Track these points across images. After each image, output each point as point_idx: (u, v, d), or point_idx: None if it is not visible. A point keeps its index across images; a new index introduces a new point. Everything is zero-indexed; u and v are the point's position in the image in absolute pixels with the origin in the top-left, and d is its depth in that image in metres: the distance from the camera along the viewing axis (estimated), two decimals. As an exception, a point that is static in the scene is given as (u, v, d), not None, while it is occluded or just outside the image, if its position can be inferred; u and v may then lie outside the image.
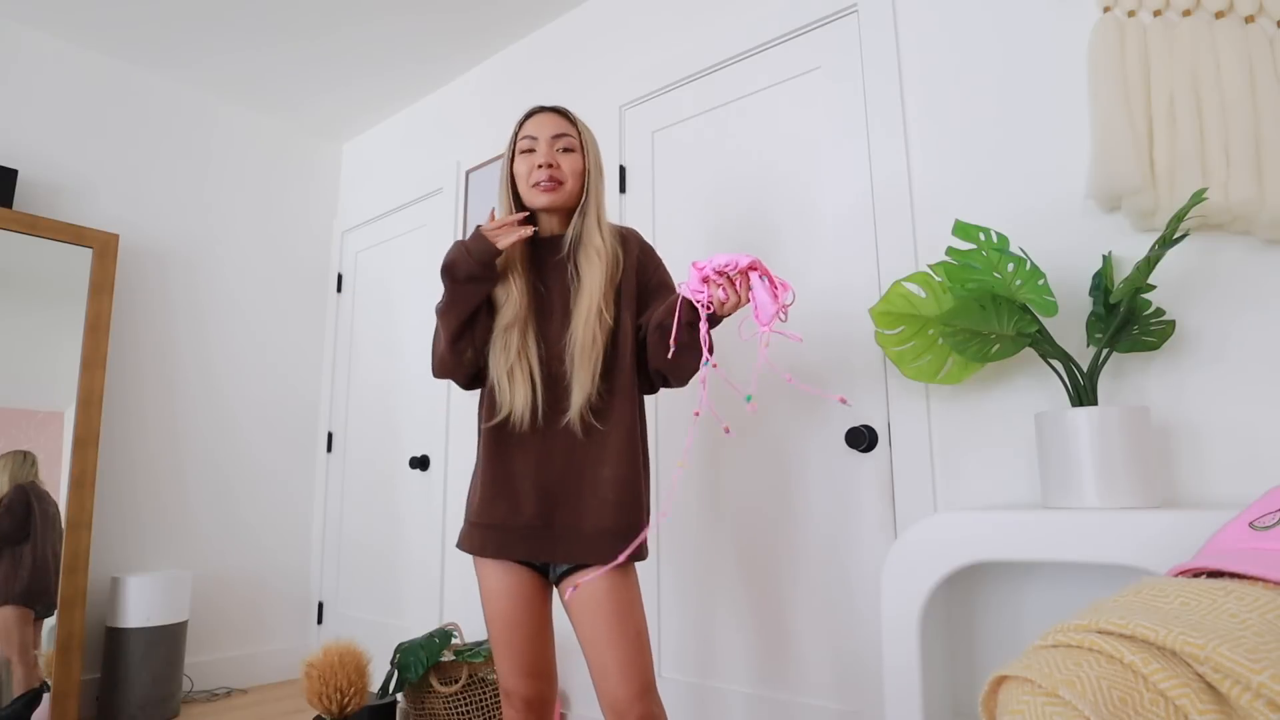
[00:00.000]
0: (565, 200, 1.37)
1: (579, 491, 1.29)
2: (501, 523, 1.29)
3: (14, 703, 2.27)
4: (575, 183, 1.37)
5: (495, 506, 1.30)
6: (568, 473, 1.29)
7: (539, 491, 1.29)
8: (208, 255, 3.14)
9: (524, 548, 1.28)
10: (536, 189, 1.35)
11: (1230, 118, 1.27)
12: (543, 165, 1.34)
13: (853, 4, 1.87)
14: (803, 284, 1.90)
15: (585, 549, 1.26)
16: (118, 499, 2.77)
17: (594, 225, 1.37)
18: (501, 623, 1.30)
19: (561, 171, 1.35)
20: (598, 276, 1.33)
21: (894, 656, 1.29)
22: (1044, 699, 0.63)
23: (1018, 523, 1.20)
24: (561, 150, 1.36)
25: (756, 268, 1.13)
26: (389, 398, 3.12)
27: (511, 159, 1.40)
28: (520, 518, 1.29)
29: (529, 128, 1.38)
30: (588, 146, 1.39)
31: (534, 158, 1.36)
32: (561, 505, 1.29)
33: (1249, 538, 0.83)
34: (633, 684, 1.21)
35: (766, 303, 1.10)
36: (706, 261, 1.15)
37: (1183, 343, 1.36)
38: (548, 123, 1.37)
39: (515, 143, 1.39)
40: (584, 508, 1.28)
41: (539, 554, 1.28)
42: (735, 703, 1.88)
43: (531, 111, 1.41)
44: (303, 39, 2.81)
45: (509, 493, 1.30)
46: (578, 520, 1.27)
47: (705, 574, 2.00)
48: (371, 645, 2.97)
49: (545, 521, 1.28)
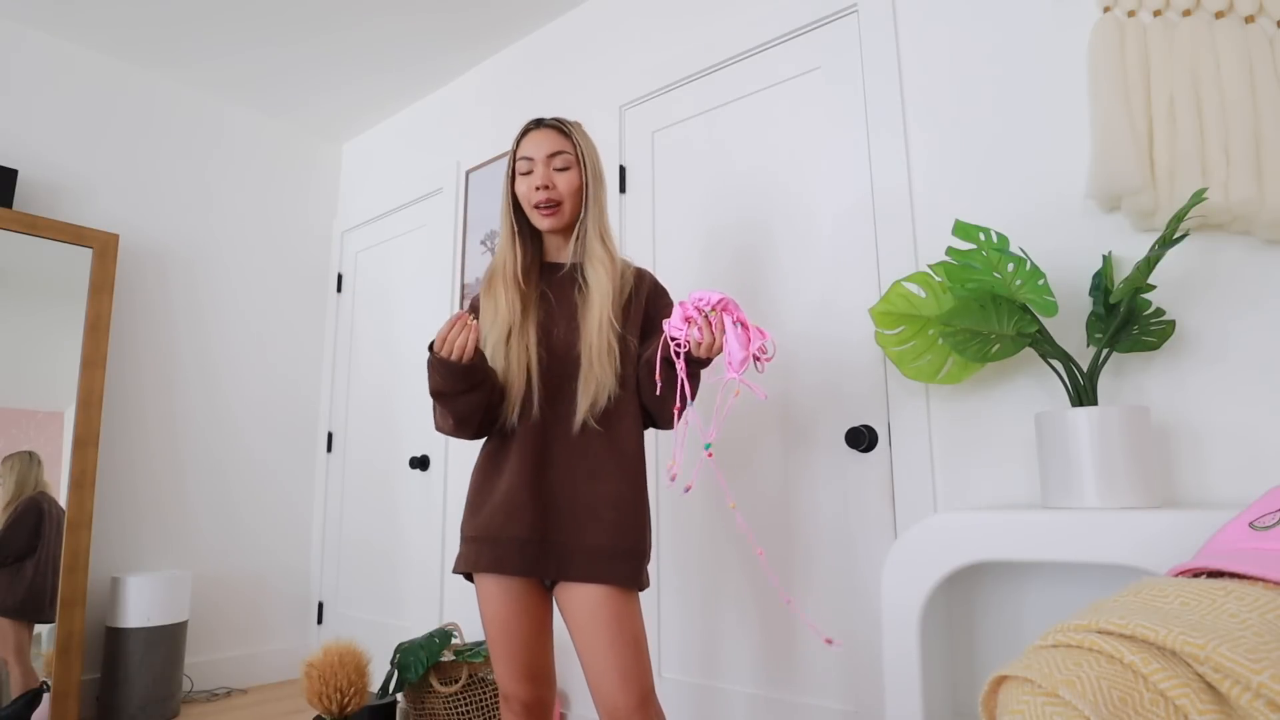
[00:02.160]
0: (566, 220, 1.38)
1: (577, 507, 1.27)
2: (497, 536, 1.27)
3: (14, 702, 2.27)
4: (573, 200, 1.38)
5: (491, 519, 1.28)
6: (567, 487, 1.28)
7: (537, 504, 1.27)
8: (208, 255, 3.14)
9: (519, 562, 1.25)
10: (538, 212, 1.36)
11: (1230, 117, 1.27)
12: (539, 188, 1.35)
13: (852, 4, 1.87)
14: (803, 284, 1.90)
15: (581, 567, 1.24)
16: (118, 499, 2.77)
17: (595, 237, 1.37)
18: (499, 628, 1.29)
19: (558, 192, 1.36)
20: (605, 284, 1.32)
21: (894, 656, 1.29)
22: (1044, 699, 0.63)
23: (1018, 523, 1.20)
24: (558, 169, 1.36)
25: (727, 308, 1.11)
26: (389, 398, 3.12)
27: (512, 179, 1.40)
28: (517, 531, 1.26)
29: (526, 147, 1.38)
30: (585, 158, 1.38)
31: (532, 179, 1.36)
32: (559, 520, 1.27)
33: (1249, 538, 0.83)
34: (632, 692, 1.20)
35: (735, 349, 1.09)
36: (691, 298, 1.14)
37: (1183, 343, 1.36)
38: (543, 141, 1.37)
39: (514, 163, 1.39)
40: (582, 525, 1.26)
41: (534, 570, 1.26)
42: (737, 703, 1.88)
43: (527, 128, 1.41)
44: (303, 39, 2.81)
45: (505, 505, 1.28)
46: (575, 537, 1.26)
47: (706, 574, 2.00)
48: (371, 645, 2.97)
49: (542, 536, 1.26)
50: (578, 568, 1.24)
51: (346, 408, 3.33)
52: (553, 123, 1.40)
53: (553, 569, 1.26)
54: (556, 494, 1.28)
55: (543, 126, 1.40)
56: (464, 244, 2.88)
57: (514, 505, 1.27)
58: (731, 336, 1.10)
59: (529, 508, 1.26)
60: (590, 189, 1.38)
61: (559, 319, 1.36)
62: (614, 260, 1.37)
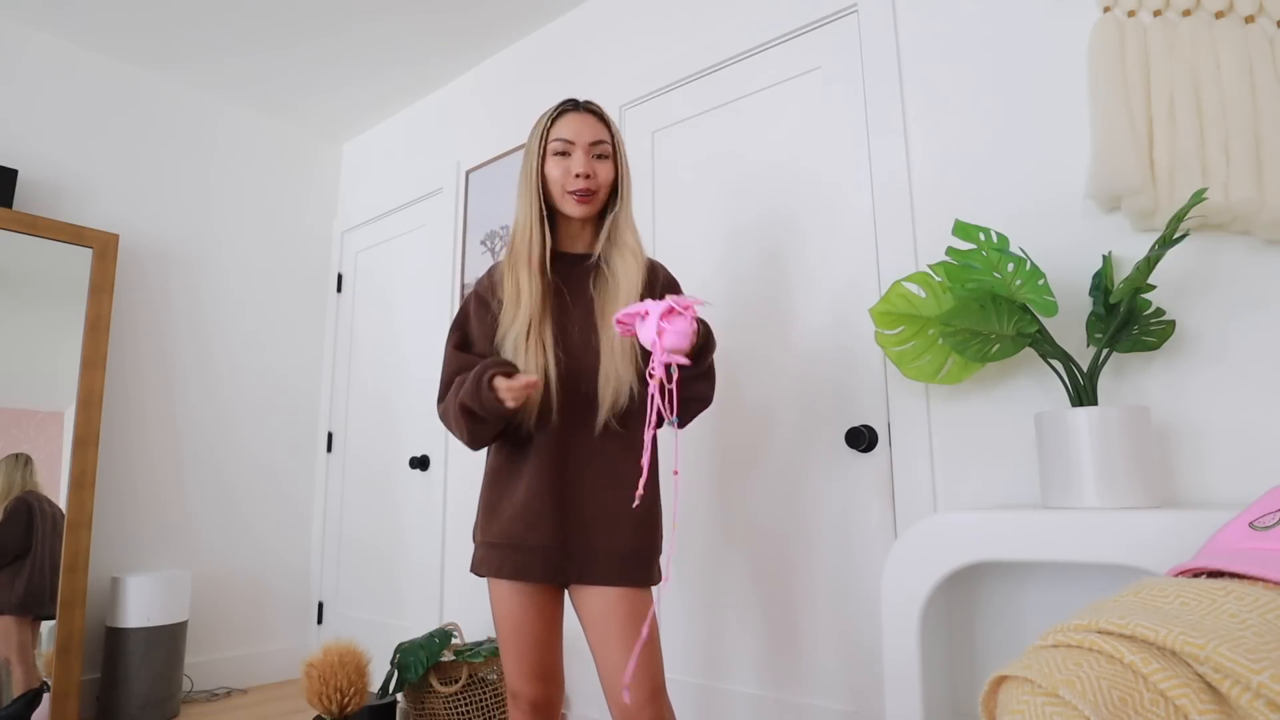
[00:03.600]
0: (597, 210, 1.35)
1: (598, 512, 1.26)
2: (519, 544, 1.26)
3: (14, 702, 2.27)
4: (606, 191, 1.34)
5: (512, 526, 1.26)
6: (586, 491, 1.26)
7: (557, 510, 1.25)
8: (208, 255, 3.14)
9: (541, 569, 1.25)
10: (571, 198, 1.30)
11: (1230, 118, 1.27)
12: (579, 174, 1.29)
13: (852, 4, 1.87)
14: (803, 283, 1.90)
15: (602, 571, 1.24)
16: (118, 499, 2.77)
17: (627, 226, 1.34)
18: (511, 627, 1.28)
19: (596, 181, 1.31)
20: (634, 275, 1.30)
21: (894, 656, 1.29)
22: (1044, 699, 0.63)
23: (1018, 523, 1.20)
24: (597, 158, 1.31)
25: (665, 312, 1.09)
26: (389, 398, 3.12)
27: (542, 158, 1.32)
28: (538, 538, 1.25)
29: (563, 128, 1.31)
30: (620, 150, 1.35)
31: (568, 163, 1.30)
32: (580, 526, 1.26)
33: (1249, 538, 0.83)
34: (643, 688, 1.20)
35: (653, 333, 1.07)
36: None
37: (1183, 343, 1.36)
38: (585, 127, 1.31)
39: (546, 142, 1.31)
40: (602, 529, 1.25)
41: (556, 576, 1.25)
42: (738, 703, 1.88)
43: (564, 109, 1.34)
44: (303, 40, 2.81)
45: (526, 513, 1.26)
46: (596, 542, 1.25)
47: (710, 576, 1.99)
48: (371, 645, 2.97)
49: (562, 542, 1.25)
50: (598, 571, 1.24)
51: (346, 408, 3.33)
52: (594, 108, 1.35)
53: (574, 573, 1.26)
54: (576, 500, 1.26)
55: (581, 110, 1.33)
56: (464, 244, 2.88)
57: (534, 514, 1.25)
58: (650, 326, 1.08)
59: (550, 515, 1.25)
60: (624, 181, 1.35)
61: (574, 316, 1.32)
62: (642, 252, 1.35)
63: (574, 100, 1.35)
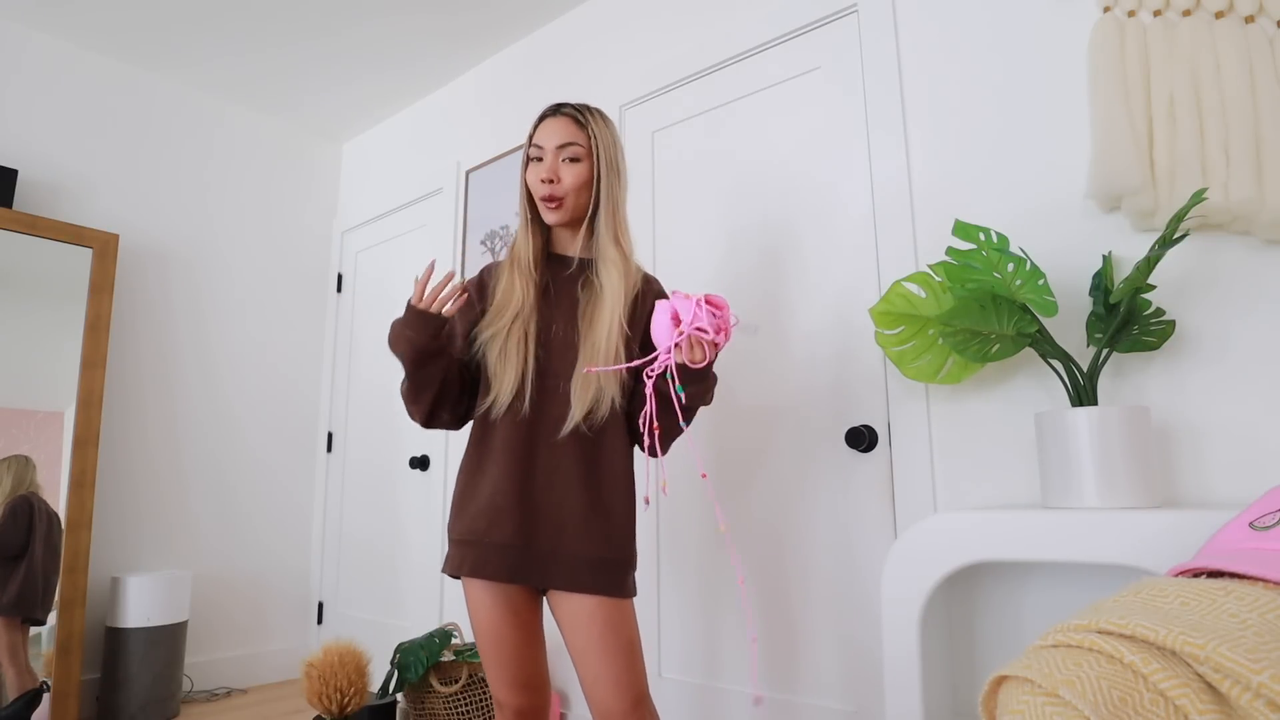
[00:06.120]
0: (571, 215, 1.32)
1: (563, 514, 1.23)
2: (480, 540, 1.23)
3: (14, 702, 2.27)
4: (578, 195, 1.30)
5: (475, 523, 1.24)
6: (552, 492, 1.24)
7: (521, 509, 1.23)
8: (208, 255, 3.14)
9: (501, 567, 1.22)
10: (543, 205, 1.31)
11: (1230, 118, 1.27)
12: (544, 180, 1.29)
13: (852, 4, 1.87)
14: (803, 282, 1.90)
15: (566, 576, 1.21)
16: (118, 499, 2.77)
17: (609, 236, 1.31)
18: (489, 636, 1.25)
19: (561, 186, 1.29)
20: (618, 287, 1.28)
21: (894, 656, 1.29)
22: (1044, 699, 0.63)
23: (1017, 523, 1.20)
24: (567, 160, 1.29)
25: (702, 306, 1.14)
26: (389, 398, 3.12)
27: (524, 166, 1.34)
28: (499, 537, 1.22)
29: (539, 134, 1.32)
30: (600, 150, 1.30)
31: (539, 169, 1.30)
32: (544, 527, 1.23)
33: (1249, 538, 0.83)
34: (625, 696, 1.18)
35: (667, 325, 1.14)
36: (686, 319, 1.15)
37: (1183, 343, 1.36)
38: (556, 130, 1.31)
39: (527, 149, 1.33)
40: (567, 532, 1.22)
41: (517, 576, 1.22)
42: (737, 703, 1.88)
43: (544, 115, 1.34)
44: (303, 40, 2.81)
45: (490, 509, 1.23)
46: (560, 545, 1.22)
47: (707, 574, 1.99)
48: (371, 645, 2.97)
49: (525, 542, 1.22)
50: (563, 576, 1.22)
51: (346, 408, 3.33)
52: (570, 110, 1.33)
53: (536, 576, 1.23)
54: (541, 500, 1.24)
55: (559, 114, 1.32)
56: (464, 244, 2.88)
57: (497, 510, 1.23)
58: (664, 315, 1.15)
59: (513, 513, 1.22)
60: (603, 183, 1.30)
61: (558, 316, 1.31)
62: (628, 262, 1.31)
63: (556, 105, 1.35)
